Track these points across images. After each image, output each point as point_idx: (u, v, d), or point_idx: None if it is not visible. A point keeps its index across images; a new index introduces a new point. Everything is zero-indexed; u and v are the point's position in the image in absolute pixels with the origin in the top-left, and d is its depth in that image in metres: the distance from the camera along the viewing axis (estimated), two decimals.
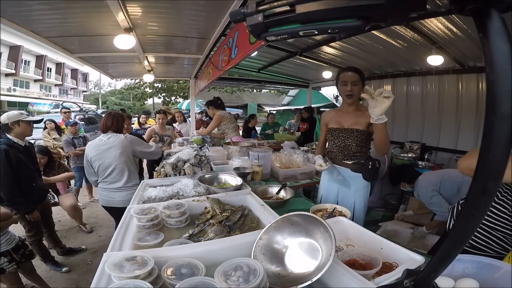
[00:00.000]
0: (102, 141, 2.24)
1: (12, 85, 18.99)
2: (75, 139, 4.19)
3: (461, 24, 2.52)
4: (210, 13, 2.71)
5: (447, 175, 2.35)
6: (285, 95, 14.23)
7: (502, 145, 0.31)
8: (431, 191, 2.31)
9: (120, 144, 2.22)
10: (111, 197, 2.27)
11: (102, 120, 2.36)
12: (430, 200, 2.33)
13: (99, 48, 3.80)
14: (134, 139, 2.34)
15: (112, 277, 0.71)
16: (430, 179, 2.39)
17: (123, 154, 2.22)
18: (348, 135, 1.75)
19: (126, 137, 2.28)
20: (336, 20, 0.35)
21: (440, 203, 2.29)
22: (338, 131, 1.79)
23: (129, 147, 2.26)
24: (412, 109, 4.37)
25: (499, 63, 0.29)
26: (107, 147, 2.21)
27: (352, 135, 1.74)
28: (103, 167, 2.23)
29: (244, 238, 0.92)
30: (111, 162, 2.21)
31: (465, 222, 0.37)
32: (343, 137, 1.77)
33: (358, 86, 1.67)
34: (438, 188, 2.32)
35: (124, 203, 2.17)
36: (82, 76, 30.46)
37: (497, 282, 0.70)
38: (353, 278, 0.72)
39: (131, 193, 2.17)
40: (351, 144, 1.75)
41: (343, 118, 1.79)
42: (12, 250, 1.91)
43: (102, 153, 2.21)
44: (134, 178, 2.32)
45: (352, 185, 1.80)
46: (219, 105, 3.78)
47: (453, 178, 2.30)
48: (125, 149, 2.23)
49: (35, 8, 2.45)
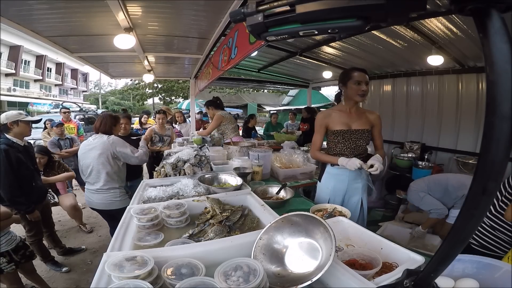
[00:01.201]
0: (89, 141, 2.30)
1: (12, 85, 18.98)
2: (61, 141, 4.09)
3: (461, 24, 2.52)
4: (210, 13, 2.70)
5: (432, 179, 2.68)
6: (285, 95, 14.22)
7: (502, 145, 0.31)
8: (422, 193, 2.56)
9: (101, 145, 2.21)
10: (90, 198, 2.31)
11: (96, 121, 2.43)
12: (421, 201, 2.57)
13: (99, 48, 3.80)
14: (116, 140, 2.28)
15: (112, 277, 0.71)
16: (418, 185, 2.69)
17: (102, 155, 2.20)
18: (359, 136, 1.78)
19: (109, 138, 2.25)
20: (336, 20, 0.35)
21: (431, 201, 2.51)
22: (349, 132, 1.78)
23: (110, 149, 2.22)
24: (412, 109, 4.37)
25: (499, 63, 0.29)
26: (90, 147, 2.24)
27: (363, 135, 1.78)
28: (84, 167, 2.27)
29: (244, 238, 0.92)
30: (90, 162, 2.22)
31: (465, 222, 0.37)
32: (354, 138, 1.78)
33: (368, 86, 1.72)
34: (426, 190, 2.58)
35: (102, 206, 2.27)
36: (82, 76, 30.46)
37: (497, 282, 0.70)
38: (353, 278, 0.72)
39: (108, 197, 2.24)
40: (362, 144, 1.79)
41: (349, 119, 1.78)
42: (12, 251, 1.91)
43: (85, 153, 2.25)
44: (111, 182, 2.25)
45: (359, 182, 1.84)
46: (219, 105, 3.77)
47: (438, 180, 2.59)
48: (105, 150, 2.21)
49: (35, 7, 2.46)
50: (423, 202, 2.56)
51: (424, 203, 2.56)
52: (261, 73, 5.75)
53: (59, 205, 3.17)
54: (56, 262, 2.65)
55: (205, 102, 3.99)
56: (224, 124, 3.62)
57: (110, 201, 2.26)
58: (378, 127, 1.84)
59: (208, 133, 3.60)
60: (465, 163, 3.43)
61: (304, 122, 5.83)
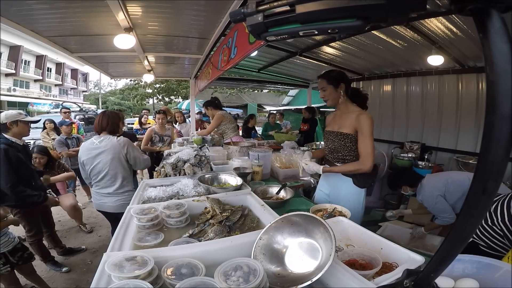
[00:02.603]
0: (94, 144, 2.15)
1: (12, 85, 18.98)
2: (69, 140, 4.15)
3: (461, 24, 2.52)
4: (210, 13, 2.70)
5: (452, 179, 2.28)
6: (285, 95, 14.22)
7: (502, 145, 0.31)
8: (437, 196, 2.25)
9: (111, 148, 2.12)
10: (102, 201, 2.22)
11: (97, 120, 2.25)
12: (435, 205, 2.27)
13: (99, 48, 3.80)
14: (127, 142, 2.20)
15: (112, 277, 0.71)
16: (435, 184, 2.31)
17: (114, 159, 2.13)
18: (334, 138, 1.76)
19: (119, 140, 2.16)
20: (336, 20, 0.35)
21: (444, 208, 2.23)
22: (329, 133, 1.82)
23: (121, 151, 2.16)
24: (412, 109, 4.37)
25: (499, 63, 0.29)
26: (99, 151, 2.12)
27: (337, 137, 1.74)
28: (95, 171, 2.16)
29: (244, 238, 0.92)
30: (103, 167, 2.13)
31: (465, 222, 0.37)
32: (331, 139, 1.79)
33: (328, 91, 1.70)
34: (444, 192, 2.25)
35: (115, 209, 2.18)
36: (82, 76, 30.46)
37: (497, 282, 0.70)
38: (353, 278, 0.72)
39: (122, 199, 2.17)
40: (337, 147, 1.75)
41: (335, 121, 1.81)
42: (9, 253, 1.90)
43: (94, 158, 2.14)
44: (128, 185, 2.24)
45: (342, 189, 1.77)
46: (217, 105, 3.77)
47: (458, 181, 2.24)
48: (117, 154, 2.14)
49: (35, 7, 2.46)
50: (436, 207, 2.26)
51: (436, 208, 2.28)
52: (261, 73, 5.75)
53: (59, 205, 3.17)
54: (56, 262, 2.65)
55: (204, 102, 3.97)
56: (224, 124, 3.62)
57: (123, 203, 2.18)
58: (360, 131, 1.63)
59: (208, 133, 3.59)
60: (465, 163, 3.43)
61: (304, 122, 5.82)
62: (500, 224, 1.43)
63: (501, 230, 1.42)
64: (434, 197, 2.25)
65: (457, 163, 3.52)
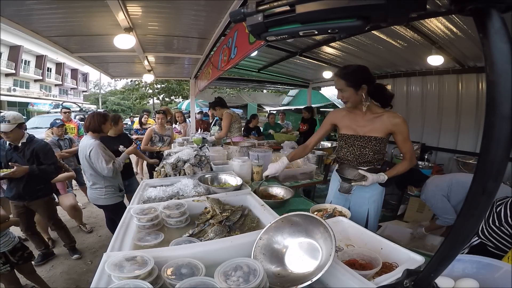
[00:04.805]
0: (81, 142, 2.46)
1: (12, 85, 18.98)
2: (61, 141, 4.13)
3: (461, 24, 2.52)
4: (210, 13, 2.70)
5: (456, 180, 2.25)
6: (285, 95, 14.22)
7: (502, 145, 0.31)
8: (440, 196, 2.22)
9: (81, 148, 2.40)
10: (89, 193, 2.57)
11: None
12: (437, 204, 2.25)
13: (99, 48, 3.80)
14: (92, 146, 2.30)
15: (112, 277, 0.71)
16: (438, 184, 2.30)
17: (84, 159, 2.38)
18: (364, 143, 1.57)
19: (88, 142, 2.34)
20: (336, 20, 0.35)
21: (446, 209, 2.21)
22: (353, 138, 1.61)
23: (85, 152, 2.34)
24: (412, 109, 4.37)
25: (499, 63, 0.29)
26: (80, 149, 2.43)
27: (370, 143, 1.56)
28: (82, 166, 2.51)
29: (244, 238, 0.92)
30: (82, 164, 2.49)
31: (465, 222, 0.37)
32: (358, 145, 1.59)
33: (347, 93, 1.50)
34: (447, 193, 2.23)
35: (92, 200, 2.59)
36: (82, 76, 30.45)
37: (497, 282, 0.70)
38: (353, 278, 0.72)
39: (96, 193, 2.50)
40: (367, 152, 1.57)
41: (357, 123, 1.60)
42: (9, 252, 1.91)
43: (79, 155, 2.45)
44: (99, 182, 2.45)
45: (367, 192, 1.64)
46: (224, 104, 3.76)
47: (462, 183, 2.21)
48: (83, 154, 2.37)
49: (35, 7, 2.46)
50: (438, 207, 2.25)
51: (438, 208, 2.26)
52: (261, 73, 5.75)
53: (59, 205, 3.17)
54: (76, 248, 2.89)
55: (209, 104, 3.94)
56: (231, 122, 3.61)
57: (96, 197, 2.50)
58: (401, 134, 1.52)
59: (225, 134, 3.57)
60: (465, 163, 3.42)
61: (304, 122, 5.82)
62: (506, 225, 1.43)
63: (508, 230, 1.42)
64: (437, 196, 2.24)
65: (457, 163, 3.52)
